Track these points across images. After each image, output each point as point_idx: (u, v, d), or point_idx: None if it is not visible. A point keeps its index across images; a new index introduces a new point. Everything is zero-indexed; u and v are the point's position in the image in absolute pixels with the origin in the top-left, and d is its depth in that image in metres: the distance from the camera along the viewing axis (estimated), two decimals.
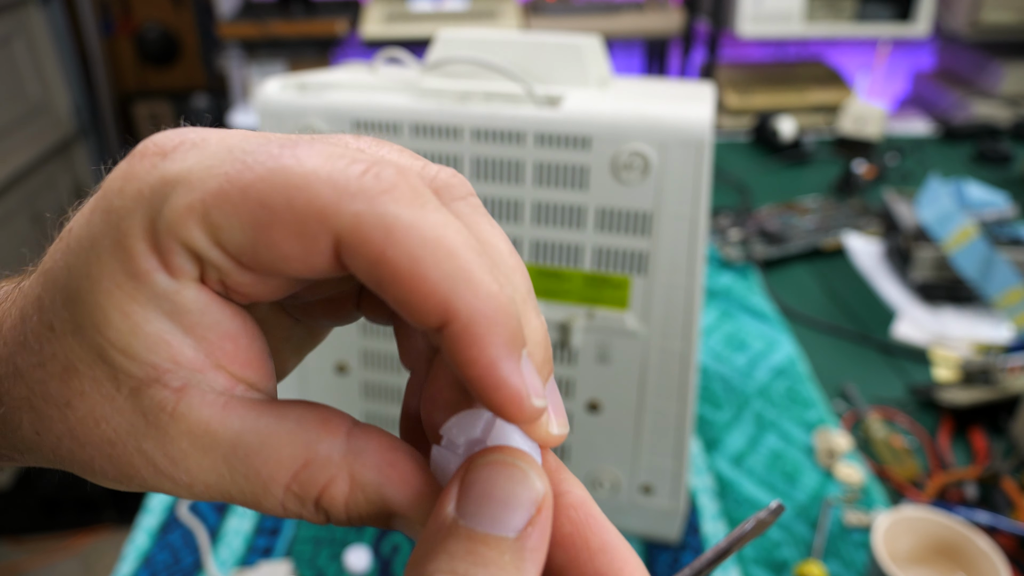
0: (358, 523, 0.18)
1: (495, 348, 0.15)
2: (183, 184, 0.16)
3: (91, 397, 0.17)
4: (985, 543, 0.50)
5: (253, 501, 0.17)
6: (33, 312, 0.18)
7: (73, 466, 0.18)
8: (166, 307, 0.17)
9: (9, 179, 2.14)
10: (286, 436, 0.17)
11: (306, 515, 0.18)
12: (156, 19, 2.59)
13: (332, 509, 0.17)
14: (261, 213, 0.15)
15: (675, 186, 0.47)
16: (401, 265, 0.15)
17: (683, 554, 0.57)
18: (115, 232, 0.17)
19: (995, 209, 0.91)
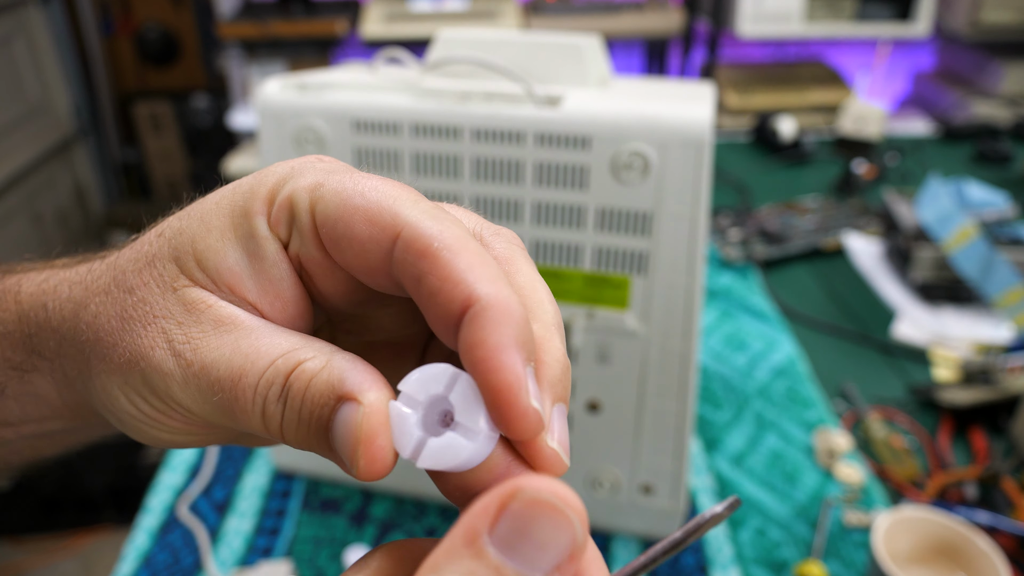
0: (305, 425, 0.20)
1: (503, 336, 0.17)
2: (303, 176, 0.21)
3: (151, 288, 0.21)
4: (985, 543, 0.50)
5: (236, 382, 0.20)
6: (144, 242, 0.23)
7: (97, 345, 0.22)
8: (251, 247, 0.21)
9: (9, 179, 2.14)
10: (288, 333, 0.21)
11: (270, 398, 0.20)
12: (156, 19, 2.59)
13: (295, 384, 0.19)
14: (352, 195, 0.20)
15: (675, 186, 0.47)
16: (442, 257, 0.18)
17: (683, 554, 0.57)
18: (243, 190, 0.22)
19: (995, 209, 0.91)
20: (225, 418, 0.21)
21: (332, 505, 0.62)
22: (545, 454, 0.18)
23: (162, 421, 0.22)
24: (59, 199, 2.43)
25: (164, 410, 0.21)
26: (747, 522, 0.60)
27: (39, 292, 0.24)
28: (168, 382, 0.20)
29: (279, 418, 0.20)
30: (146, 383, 0.21)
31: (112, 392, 0.22)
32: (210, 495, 0.63)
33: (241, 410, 0.20)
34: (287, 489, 0.63)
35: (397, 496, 0.62)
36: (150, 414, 0.22)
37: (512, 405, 0.17)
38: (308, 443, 0.20)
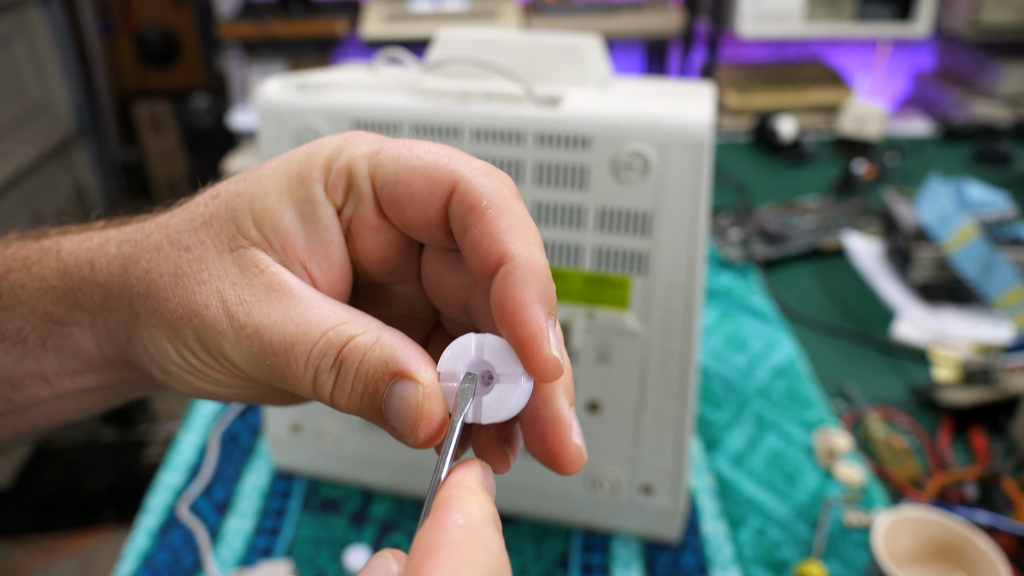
0: (357, 395, 0.21)
1: (532, 293, 0.20)
2: (357, 145, 0.23)
3: (207, 247, 0.23)
4: (985, 543, 0.50)
5: (288, 349, 0.21)
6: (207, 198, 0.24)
7: (148, 300, 0.23)
8: (307, 211, 0.23)
9: (9, 179, 2.14)
10: (336, 304, 0.22)
11: (323, 367, 0.21)
12: (156, 19, 2.59)
13: (348, 358, 0.21)
14: (409, 158, 0.22)
15: (675, 186, 0.47)
16: (487, 215, 0.21)
17: (683, 554, 0.57)
18: (299, 158, 0.23)
19: (995, 209, 0.91)
20: (274, 379, 0.22)
21: (332, 505, 0.62)
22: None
23: (208, 374, 0.23)
24: (59, 199, 2.43)
25: (212, 364, 0.23)
26: (747, 522, 0.60)
27: (82, 250, 0.25)
28: (220, 340, 0.22)
29: (330, 387, 0.21)
30: (198, 338, 0.22)
31: (161, 344, 0.23)
32: (210, 495, 0.63)
33: (292, 375, 0.21)
34: (287, 489, 0.63)
35: (397, 496, 0.62)
36: (197, 366, 0.23)
37: (537, 352, 0.20)
38: (359, 411, 0.22)
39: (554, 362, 0.20)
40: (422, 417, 0.20)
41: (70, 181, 2.51)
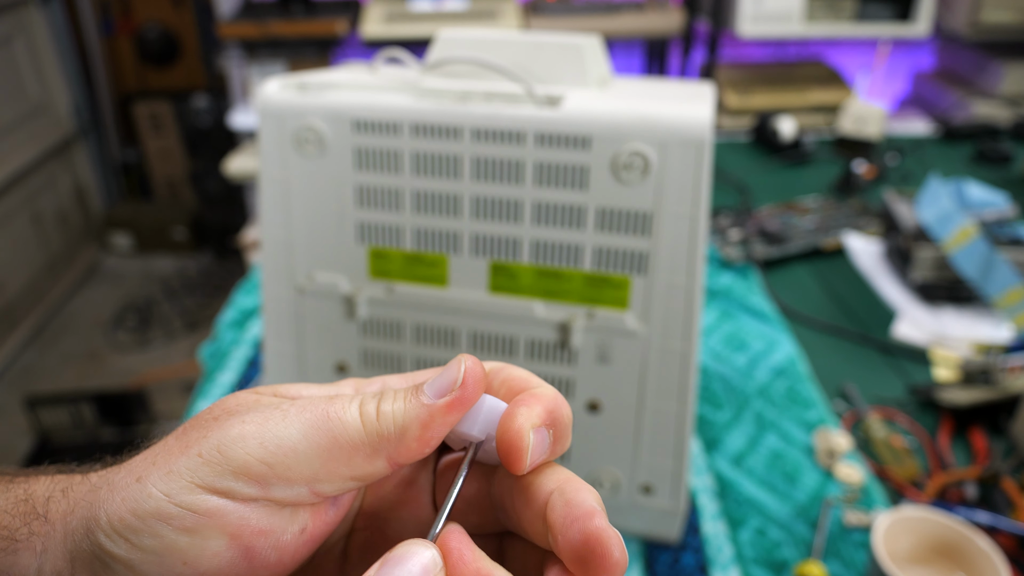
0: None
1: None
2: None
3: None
4: (985, 543, 0.50)
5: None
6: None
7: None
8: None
9: (9, 179, 2.14)
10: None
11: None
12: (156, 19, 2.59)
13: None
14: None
15: (675, 186, 0.47)
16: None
17: (683, 554, 0.57)
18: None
19: (995, 209, 0.91)
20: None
21: None
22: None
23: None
24: (59, 199, 2.43)
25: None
26: (747, 522, 0.60)
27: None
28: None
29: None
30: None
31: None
32: None
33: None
34: None
35: None
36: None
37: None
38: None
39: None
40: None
41: (70, 181, 2.51)
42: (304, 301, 0.56)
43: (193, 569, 0.20)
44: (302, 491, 0.21)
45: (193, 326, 2.30)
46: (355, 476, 0.21)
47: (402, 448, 0.21)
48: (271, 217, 0.54)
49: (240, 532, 0.20)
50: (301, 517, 0.22)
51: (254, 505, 0.20)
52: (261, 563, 0.21)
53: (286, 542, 0.21)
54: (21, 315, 2.22)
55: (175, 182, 2.73)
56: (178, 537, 0.20)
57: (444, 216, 0.51)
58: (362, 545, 0.25)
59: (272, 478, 0.20)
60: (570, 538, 0.19)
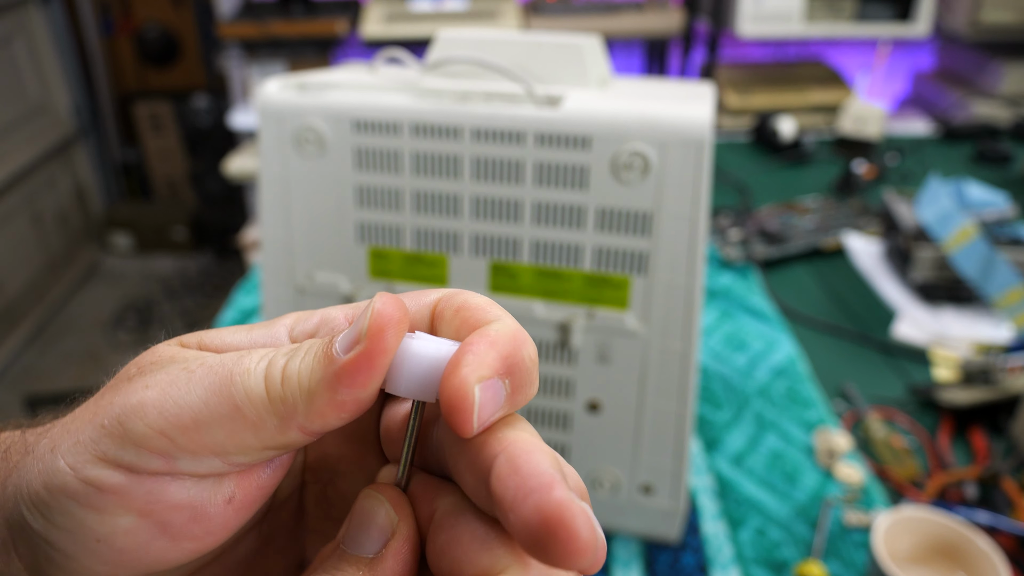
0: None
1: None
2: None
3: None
4: (985, 543, 0.50)
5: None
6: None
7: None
8: None
9: (9, 179, 2.14)
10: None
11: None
12: (156, 19, 2.59)
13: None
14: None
15: (675, 186, 0.47)
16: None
17: (683, 554, 0.57)
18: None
19: (995, 209, 0.91)
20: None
21: None
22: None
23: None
24: (59, 199, 2.43)
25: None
26: (747, 522, 0.60)
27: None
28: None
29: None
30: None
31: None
32: None
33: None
34: None
35: None
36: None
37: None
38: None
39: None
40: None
41: (70, 181, 2.51)
42: (304, 301, 0.56)
43: (108, 546, 0.18)
44: (213, 463, 0.18)
45: (193, 326, 2.30)
46: (267, 447, 0.19)
47: (313, 416, 0.18)
48: (271, 217, 0.54)
49: (152, 509, 0.18)
50: (225, 487, 0.19)
51: (164, 479, 0.18)
52: (185, 537, 0.19)
53: (210, 514, 0.19)
54: (21, 315, 2.22)
55: (175, 182, 2.73)
56: (86, 515, 0.18)
57: (444, 216, 0.51)
58: (317, 497, 0.23)
59: (175, 451, 0.18)
60: (523, 516, 0.16)
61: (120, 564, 0.19)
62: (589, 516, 0.16)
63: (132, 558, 0.19)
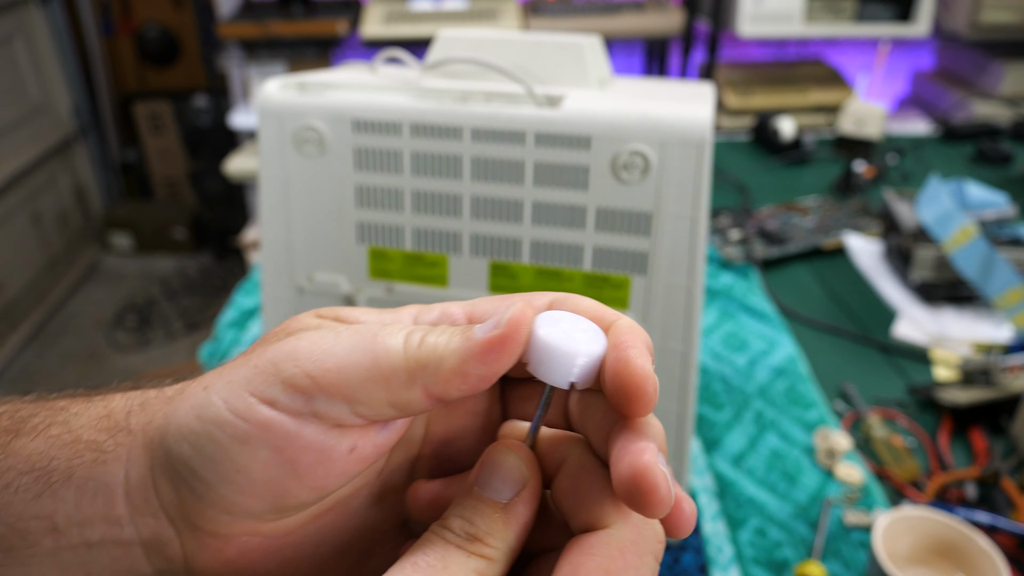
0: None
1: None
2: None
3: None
4: (985, 543, 0.50)
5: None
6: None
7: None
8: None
9: (9, 179, 2.14)
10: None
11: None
12: (156, 19, 2.59)
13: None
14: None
15: (675, 186, 0.47)
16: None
17: (683, 554, 0.57)
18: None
19: (995, 209, 0.91)
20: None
21: None
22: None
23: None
24: (59, 199, 2.43)
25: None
26: (747, 522, 0.60)
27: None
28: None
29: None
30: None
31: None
32: None
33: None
34: None
35: None
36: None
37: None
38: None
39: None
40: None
41: (70, 181, 2.51)
42: (304, 301, 0.56)
43: (246, 477, 0.21)
44: (343, 409, 0.21)
45: (193, 326, 2.30)
46: (392, 402, 0.21)
47: (439, 379, 0.21)
48: (271, 217, 0.54)
49: (287, 446, 0.21)
50: (350, 438, 0.22)
51: (301, 420, 0.21)
52: (311, 477, 0.22)
53: (334, 459, 0.22)
54: (21, 315, 2.22)
55: (175, 182, 2.73)
56: (231, 445, 0.21)
57: (444, 216, 0.51)
58: (429, 468, 0.26)
59: (315, 391, 0.21)
60: (619, 471, 0.20)
61: (253, 495, 0.21)
62: (668, 477, 0.19)
63: (264, 491, 0.21)
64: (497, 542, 0.20)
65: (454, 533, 0.20)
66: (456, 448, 0.26)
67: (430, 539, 0.20)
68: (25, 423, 0.24)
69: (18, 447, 0.23)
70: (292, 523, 0.23)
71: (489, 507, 0.21)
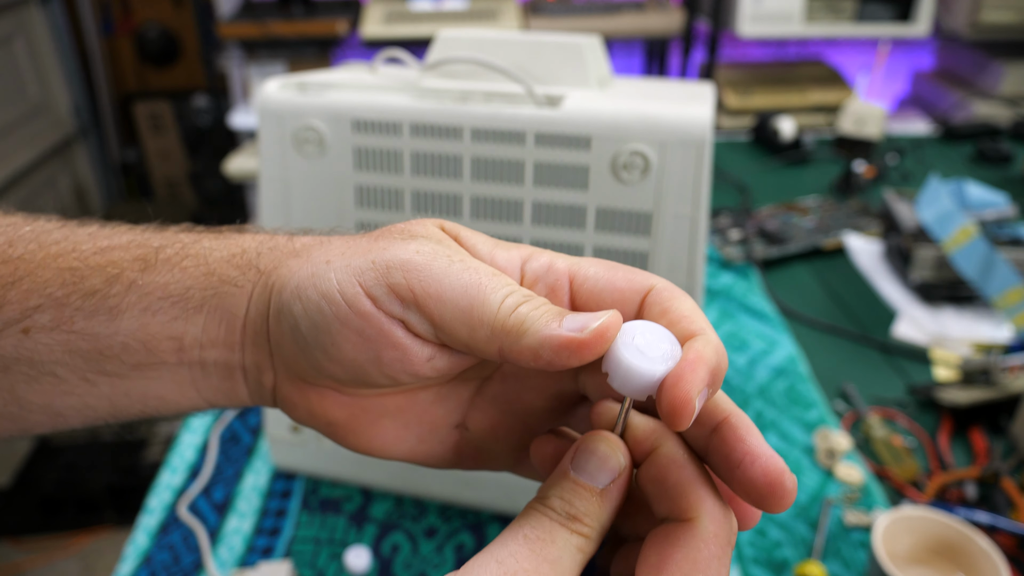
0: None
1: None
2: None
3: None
4: (985, 543, 0.50)
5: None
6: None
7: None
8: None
9: (9, 179, 2.14)
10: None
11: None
12: (156, 19, 2.59)
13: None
14: (610, 266, 0.26)
15: (675, 186, 0.47)
16: (685, 301, 0.24)
17: None
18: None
19: (995, 209, 0.91)
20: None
21: (332, 505, 0.62)
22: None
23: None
24: (59, 199, 2.43)
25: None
26: None
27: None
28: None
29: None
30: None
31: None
32: (210, 495, 0.63)
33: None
34: (287, 489, 0.63)
35: (397, 496, 0.62)
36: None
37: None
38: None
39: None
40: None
41: (70, 181, 2.51)
42: None
43: (337, 351, 0.25)
44: (429, 329, 0.24)
45: None
46: (470, 346, 0.24)
47: (515, 348, 0.23)
48: (271, 217, 0.54)
49: (377, 338, 0.24)
50: (430, 348, 0.25)
51: (394, 322, 0.24)
52: (390, 369, 0.25)
53: (412, 361, 0.24)
54: None
55: (175, 182, 2.73)
56: (333, 321, 0.24)
57: (444, 216, 0.51)
58: (493, 397, 0.28)
59: (413, 304, 0.24)
60: (751, 475, 0.21)
61: (340, 366, 0.25)
62: (794, 478, 0.21)
63: (349, 366, 0.25)
64: (593, 522, 0.22)
65: (555, 512, 0.22)
66: (525, 387, 0.27)
67: (534, 515, 0.22)
68: (158, 253, 0.27)
69: (155, 275, 0.27)
70: (370, 392, 0.27)
71: (587, 491, 0.22)
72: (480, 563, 0.21)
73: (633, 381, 0.22)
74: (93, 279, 0.27)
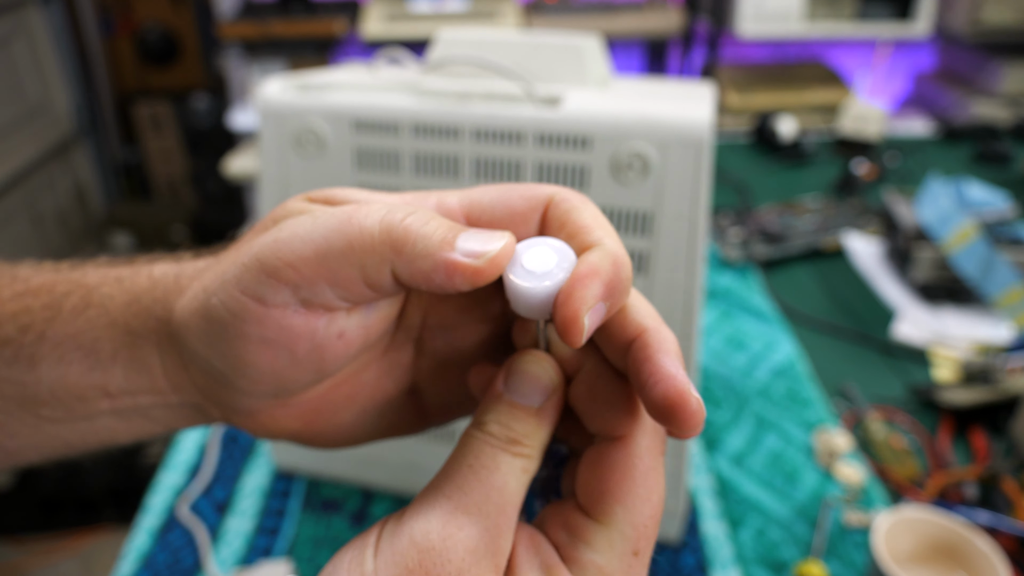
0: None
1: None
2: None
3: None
4: (985, 543, 0.50)
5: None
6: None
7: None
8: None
9: (9, 179, 2.14)
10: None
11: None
12: (156, 19, 2.59)
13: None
14: (501, 186, 0.25)
15: (675, 186, 0.47)
16: (585, 209, 0.23)
17: (683, 554, 0.57)
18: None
19: (995, 209, 0.91)
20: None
21: (332, 505, 0.62)
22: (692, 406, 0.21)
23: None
24: (59, 199, 2.43)
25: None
26: (747, 522, 0.60)
27: (171, 268, 0.28)
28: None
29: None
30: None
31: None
32: (210, 495, 0.63)
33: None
34: (287, 489, 0.63)
35: (397, 496, 0.62)
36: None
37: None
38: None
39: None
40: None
41: (70, 181, 2.51)
42: None
43: (253, 368, 0.23)
44: (328, 294, 0.22)
45: None
46: (368, 281, 0.22)
47: (408, 271, 0.21)
48: None
49: (282, 337, 0.23)
50: (338, 323, 0.23)
51: (290, 311, 0.23)
52: (307, 362, 0.24)
53: (326, 346, 0.23)
54: None
55: (175, 182, 2.73)
56: (234, 341, 0.23)
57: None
58: (429, 348, 0.28)
59: (299, 281, 0.22)
60: (654, 397, 0.20)
61: (263, 382, 0.24)
62: (699, 399, 0.20)
63: (271, 378, 0.24)
64: (533, 441, 0.22)
65: (495, 437, 0.22)
66: (458, 334, 0.27)
67: (475, 443, 0.22)
68: (63, 301, 0.26)
69: (63, 325, 0.26)
70: (312, 394, 0.26)
71: (523, 412, 0.22)
72: (429, 498, 0.21)
73: (524, 302, 0.21)
74: (7, 327, 0.26)
